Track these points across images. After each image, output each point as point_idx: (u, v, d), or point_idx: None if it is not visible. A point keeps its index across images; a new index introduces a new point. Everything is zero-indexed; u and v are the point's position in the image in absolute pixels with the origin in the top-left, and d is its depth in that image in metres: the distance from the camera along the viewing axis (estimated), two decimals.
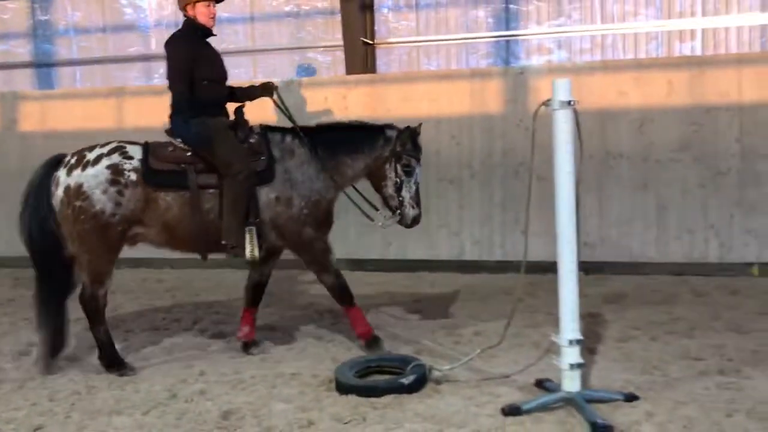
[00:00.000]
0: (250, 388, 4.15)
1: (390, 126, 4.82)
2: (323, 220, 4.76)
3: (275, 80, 5.40)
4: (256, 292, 4.95)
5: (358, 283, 6.76)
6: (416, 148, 4.76)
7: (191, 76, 4.59)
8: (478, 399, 3.86)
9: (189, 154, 4.56)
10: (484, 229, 7.28)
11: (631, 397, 3.74)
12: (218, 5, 4.82)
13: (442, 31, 9.26)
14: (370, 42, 8.89)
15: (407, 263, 7.42)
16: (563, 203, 3.63)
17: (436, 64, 9.42)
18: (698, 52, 8.02)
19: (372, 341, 4.71)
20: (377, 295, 6.38)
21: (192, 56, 4.62)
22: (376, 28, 8.97)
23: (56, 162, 4.59)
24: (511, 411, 3.61)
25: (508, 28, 9.14)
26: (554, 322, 3.83)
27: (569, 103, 3.54)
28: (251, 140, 4.65)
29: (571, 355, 3.66)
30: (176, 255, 4.98)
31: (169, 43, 4.72)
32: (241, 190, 4.46)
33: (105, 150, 4.56)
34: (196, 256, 4.70)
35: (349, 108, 7.68)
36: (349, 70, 8.42)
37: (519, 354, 4.59)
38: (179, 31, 4.81)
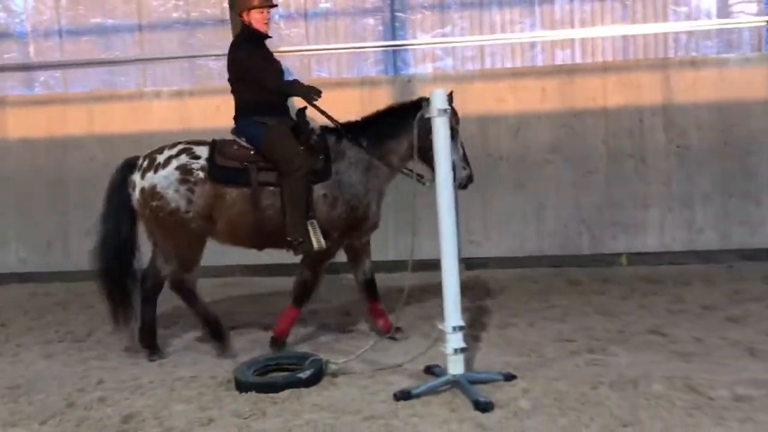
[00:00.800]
0: (149, 392, 4.23)
1: (422, 98, 4.81)
2: (354, 225, 4.95)
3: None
4: (369, 288, 5.23)
5: (257, 286, 6.95)
6: (454, 112, 4.69)
7: (258, 79, 4.82)
8: (372, 388, 4.12)
9: (252, 152, 4.80)
10: (379, 230, 7.49)
11: (509, 377, 4.12)
12: (111, 12, 4.88)
13: (332, 39, 9.52)
14: None
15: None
16: (444, 202, 3.95)
17: (327, 72, 9.67)
18: (576, 59, 8.67)
19: (280, 342, 4.91)
20: (276, 294, 6.52)
21: (261, 60, 4.89)
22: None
23: (129, 165, 4.92)
24: (403, 396, 3.89)
25: (396, 37, 9.51)
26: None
27: (445, 110, 3.87)
28: (311, 141, 4.82)
29: (455, 340, 3.98)
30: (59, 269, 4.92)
31: (237, 48, 4.94)
32: (301, 187, 4.67)
33: (174, 152, 4.85)
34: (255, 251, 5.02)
35: None
36: None
37: (410, 344, 4.91)
38: (241, 36, 5.01)
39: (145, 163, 4.84)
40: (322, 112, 4.93)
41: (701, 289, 6.12)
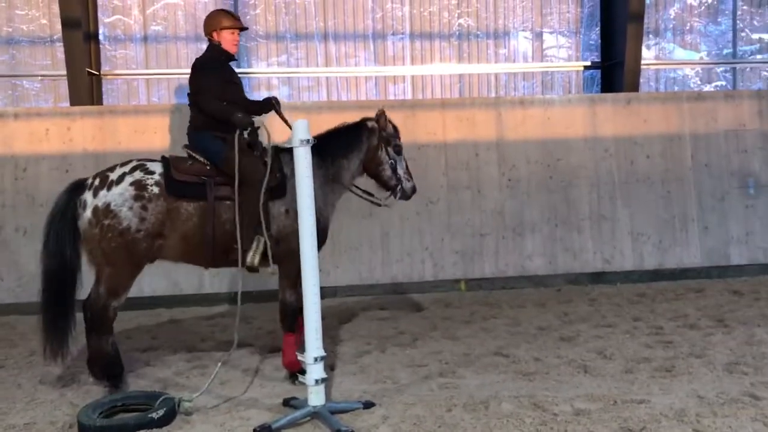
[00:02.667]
0: None
1: (367, 118, 5.17)
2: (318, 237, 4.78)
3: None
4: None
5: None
6: (395, 129, 5.23)
7: (219, 97, 4.81)
8: (230, 424, 3.99)
9: (208, 167, 4.76)
10: None
11: (368, 405, 4.17)
12: None
13: (168, 63, 9.24)
14: (96, 72, 8.55)
15: (145, 300, 7.14)
16: (306, 232, 3.95)
17: (163, 97, 9.35)
18: (408, 94, 9.07)
19: (296, 373, 4.55)
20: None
21: (223, 80, 4.89)
22: (101, 58, 8.68)
23: (78, 186, 4.69)
24: (263, 431, 3.81)
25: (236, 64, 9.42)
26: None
27: (307, 141, 3.89)
28: (265, 158, 4.74)
29: (316, 371, 3.97)
30: None
31: (202, 67, 4.91)
32: (257, 199, 4.60)
33: (127, 168, 4.70)
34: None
35: (75, 140, 7.34)
36: (73, 101, 7.99)
37: (264, 377, 4.81)
38: (207, 55, 5.01)
39: (97, 182, 4.64)
40: (286, 124, 4.84)
41: (534, 312, 6.58)
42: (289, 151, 4.84)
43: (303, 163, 3.88)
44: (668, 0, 10.71)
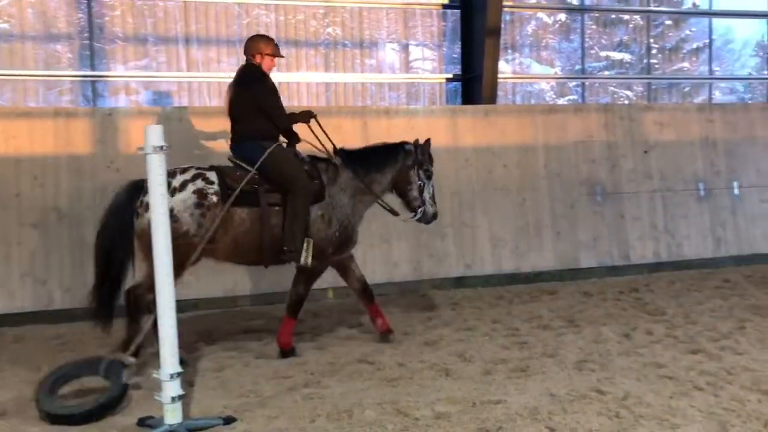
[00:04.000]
0: None
1: (405, 142, 5.82)
2: (344, 242, 5.58)
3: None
4: (365, 294, 5.84)
5: None
6: (431, 157, 5.87)
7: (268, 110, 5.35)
8: None
9: (257, 176, 5.17)
10: (76, 275, 6.90)
11: (229, 420, 4.06)
12: None
13: (16, 64, 8.63)
14: None
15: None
16: (159, 244, 3.78)
17: (8, 99, 8.72)
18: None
19: (288, 351, 5.43)
20: None
21: (272, 95, 5.41)
22: None
23: (137, 187, 4.91)
24: None
25: (92, 66, 8.94)
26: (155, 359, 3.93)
27: (161, 147, 3.73)
28: (305, 166, 5.37)
29: (173, 388, 3.80)
30: None
31: (250, 84, 5.35)
32: (303, 204, 5.16)
33: (188, 176, 5.05)
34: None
35: None
36: None
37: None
38: (252, 73, 5.42)
39: None
40: (324, 135, 5.52)
41: (400, 317, 6.68)
42: (324, 160, 5.57)
43: (156, 171, 3.70)
44: (526, 17, 11.33)
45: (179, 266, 4.62)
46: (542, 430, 3.88)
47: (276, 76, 9.25)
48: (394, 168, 5.71)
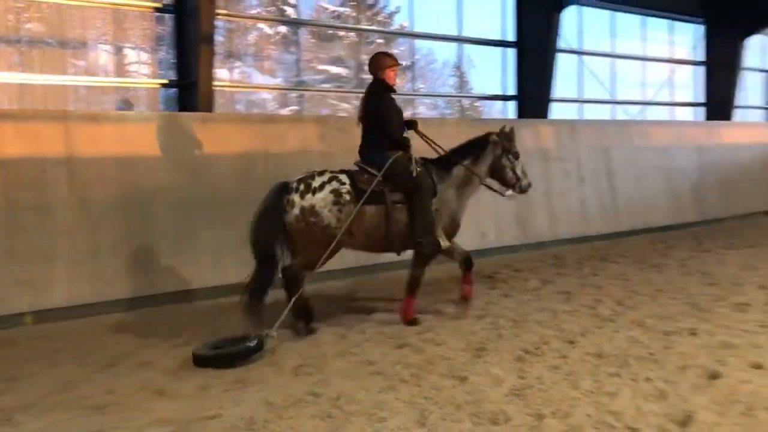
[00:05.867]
0: None
1: (490, 133, 6.78)
2: (451, 231, 6.53)
3: None
4: (466, 263, 6.58)
5: None
6: (513, 140, 6.83)
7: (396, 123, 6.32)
8: None
9: (380, 179, 6.12)
10: None
11: None
12: None
13: None
14: None
15: None
16: None
17: None
18: None
19: (413, 322, 6.29)
20: None
21: (396, 110, 6.36)
22: None
23: (284, 187, 6.08)
24: None
25: None
26: None
27: None
28: (419, 168, 6.24)
29: None
30: None
31: (380, 98, 6.28)
32: (428, 201, 6.20)
33: (325, 178, 6.06)
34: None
35: None
36: None
37: None
38: (381, 88, 6.35)
39: (302, 187, 5.98)
40: (427, 141, 6.62)
41: (112, 339, 6.20)
42: (434, 162, 6.53)
43: None
44: (247, 27, 11.34)
45: (324, 253, 5.91)
46: None
47: None
48: (488, 157, 6.75)
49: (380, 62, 6.37)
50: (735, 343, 5.40)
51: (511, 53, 13.00)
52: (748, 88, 17.38)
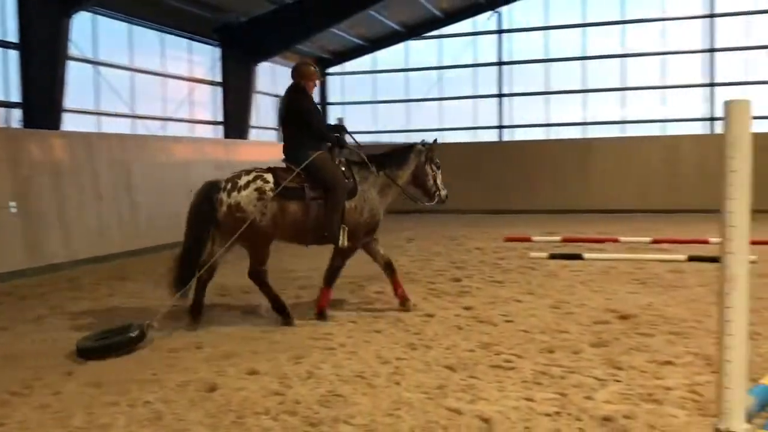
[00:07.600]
0: None
1: (415, 143, 7.41)
2: (373, 228, 7.03)
3: None
4: (388, 268, 7.15)
5: None
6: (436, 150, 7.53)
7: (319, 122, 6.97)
8: None
9: (303, 176, 6.61)
10: None
11: None
12: None
13: None
14: None
15: None
16: None
17: None
18: None
19: (323, 314, 6.74)
20: None
21: (316, 110, 7.05)
22: None
23: (213, 186, 6.54)
24: None
25: None
26: None
27: None
28: (342, 168, 6.83)
29: None
30: None
31: (299, 100, 6.83)
32: (341, 201, 6.66)
33: (251, 177, 6.53)
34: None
35: None
36: None
37: None
38: (300, 91, 6.88)
39: (229, 186, 6.47)
40: (355, 144, 7.28)
41: None
42: (359, 164, 7.06)
43: None
44: None
45: (261, 245, 6.55)
46: None
47: None
48: (411, 164, 7.19)
49: (307, 72, 6.92)
50: (236, 351, 5.62)
51: (14, 55, 11.67)
52: (261, 110, 19.04)
